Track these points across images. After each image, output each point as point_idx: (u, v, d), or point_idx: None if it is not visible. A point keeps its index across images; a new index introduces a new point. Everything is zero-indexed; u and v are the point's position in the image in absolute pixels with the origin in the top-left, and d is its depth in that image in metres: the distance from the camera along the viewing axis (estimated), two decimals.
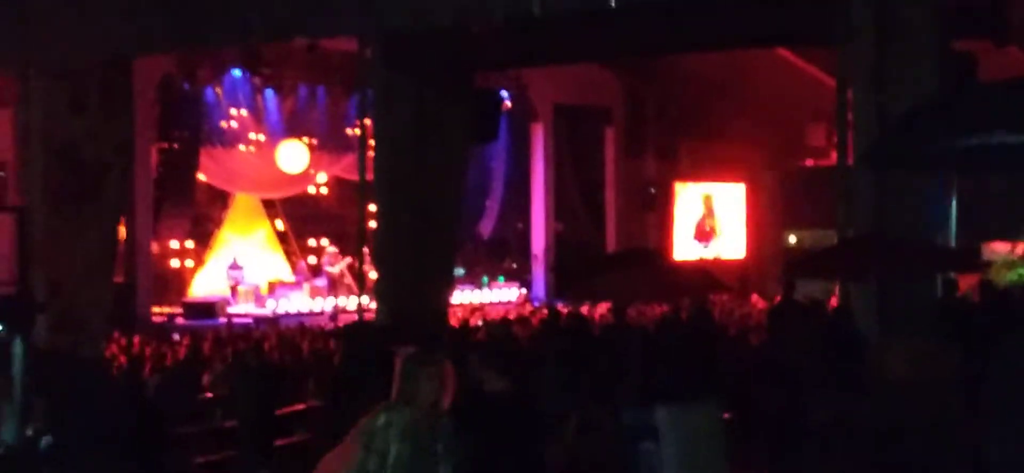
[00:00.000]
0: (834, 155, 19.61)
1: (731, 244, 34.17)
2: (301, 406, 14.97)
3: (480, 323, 21.57)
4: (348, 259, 28.69)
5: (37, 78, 15.98)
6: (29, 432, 11.87)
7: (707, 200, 34.16)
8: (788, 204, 33.20)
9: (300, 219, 30.90)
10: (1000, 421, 6.54)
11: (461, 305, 27.47)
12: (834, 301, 19.81)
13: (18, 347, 13.21)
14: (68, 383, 12.06)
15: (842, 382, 11.62)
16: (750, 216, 34.35)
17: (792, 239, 33.18)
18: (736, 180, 34.19)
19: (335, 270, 28.93)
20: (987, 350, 11.51)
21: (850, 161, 15.01)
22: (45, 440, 10.70)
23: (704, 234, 33.98)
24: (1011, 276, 24.72)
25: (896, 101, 13.98)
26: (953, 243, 24.60)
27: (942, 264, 14.75)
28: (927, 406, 11.13)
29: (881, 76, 14.04)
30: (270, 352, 17.46)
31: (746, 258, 33.99)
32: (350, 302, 26.57)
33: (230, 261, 28.46)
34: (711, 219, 34.17)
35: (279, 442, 14.00)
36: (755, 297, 27.95)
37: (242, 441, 13.81)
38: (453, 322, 19.85)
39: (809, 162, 32.59)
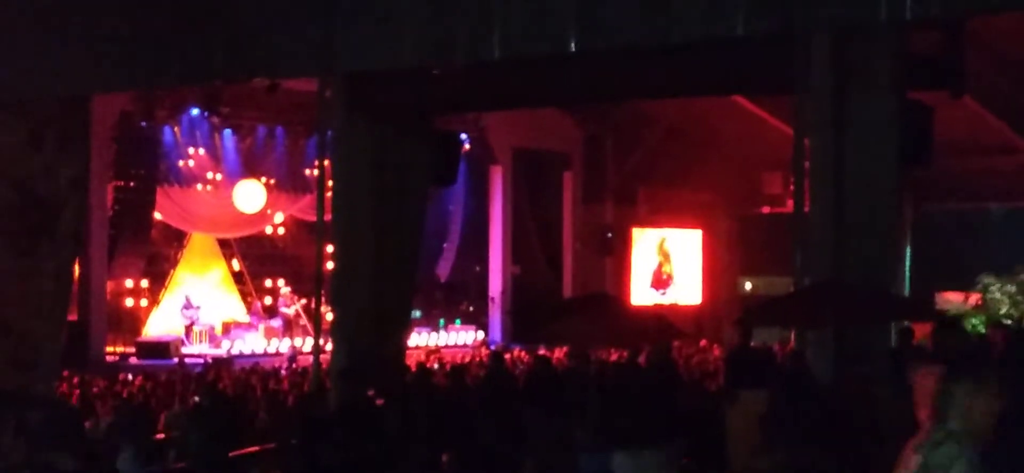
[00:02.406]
0: (791, 203, 19.76)
1: (687, 290, 34.28)
2: (255, 448, 14.85)
3: (436, 366, 21.54)
4: (303, 300, 28.58)
5: None
6: None
7: (663, 246, 34.27)
8: (744, 251, 33.38)
9: (256, 259, 30.77)
10: None
11: (418, 348, 27.40)
12: (779, 347, 19.93)
13: None
14: (20, 421, 11.92)
15: (800, 428, 11.68)
16: (706, 262, 34.50)
17: (747, 286, 33.35)
18: (693, 226, 34.35)
19: (290, 311, 28.81)
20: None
21: (807, 209, 15.10)
22: None
23: (660, 281, 34.06)
24: (964, 326, 24.89)
25: (853, 150, 14.12)
26: (907, 293, 24.86)
27: (897, 313, 14.87)
28: (884, 449, 11.19)
29: (838, 125, 14.17)
30: (224, 393, 17.32)
31: (702, 304, 34.11)
32: (306, 343, 26.43)
33: (183, 300, 28.28)
34: (668, 266, 34.27)
35: None
36: (705, 342, 27.94)
37: None
38: (410, 365, 19.76)
39: (765, 209, 32.78)
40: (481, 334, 31.67)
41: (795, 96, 15.49)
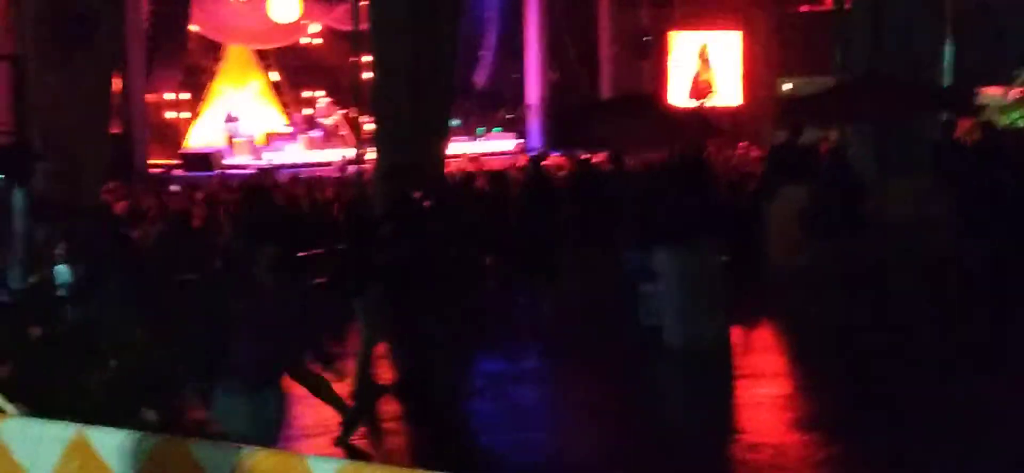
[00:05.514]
0: (830, 0, 19.55)
1: (726, 93, 33.98)
2: (303, 253, 15.03)
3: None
4: (343, 110, 28.62)
5: None
6: (32, 279, 11.99)
7: (702, 52, 33.85)
8: (783, 51, 33.05)
9: (294, 71, 30.74)
10: None
11: (457, 156, 27.45)
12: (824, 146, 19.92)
13: (18, 196, 13.30)
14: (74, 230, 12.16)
15: (840, 221, 11.77)
16: (746, 64, 34.13)
17: (787, 86, 33.09)
18: (732, 27, 33.91)
19: (330, 121, 28.88)
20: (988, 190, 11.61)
21: (847, 6, 14.97)
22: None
23: (699, 90, 33.69)
24: (1004, 120, 24.78)
25: None
26: (948, 86, 24.68)
27: (938, 106, 14.80)
28: (922, 242, 11.31)
29: None
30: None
31: (741, 106, 33.84)
32: (347, 153, 26.54)
33: (225, 113, 28.39)
34: (706, 73, 33.88)
35: None
36: (745, 144, 27.81)
37: None
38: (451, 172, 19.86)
39: (804, 8, 32.37)
40: (520, 140, 31.66)
41: None
